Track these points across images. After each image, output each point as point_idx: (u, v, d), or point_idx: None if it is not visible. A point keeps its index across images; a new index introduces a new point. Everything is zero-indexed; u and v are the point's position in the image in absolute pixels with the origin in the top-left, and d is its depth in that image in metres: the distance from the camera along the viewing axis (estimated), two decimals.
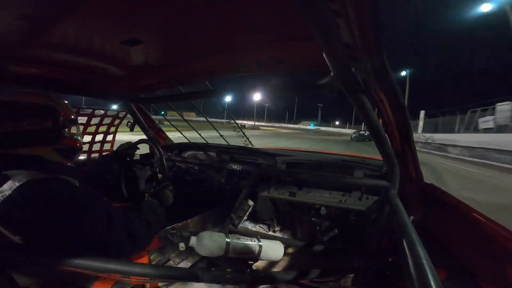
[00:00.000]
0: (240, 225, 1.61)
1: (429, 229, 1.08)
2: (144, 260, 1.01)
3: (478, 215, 0.87)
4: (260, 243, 1.17)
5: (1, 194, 0.64)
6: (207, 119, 2.47)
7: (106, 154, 1.69)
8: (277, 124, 77.72)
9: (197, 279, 0.84)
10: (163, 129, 2.28)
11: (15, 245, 0.66)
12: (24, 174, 0.68)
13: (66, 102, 0.93)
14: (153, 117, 2.18)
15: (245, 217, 1.62)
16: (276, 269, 1.43)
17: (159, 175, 1.47)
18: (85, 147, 1.92)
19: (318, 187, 1.52)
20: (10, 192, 0.64)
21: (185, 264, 1.34)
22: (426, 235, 1.06)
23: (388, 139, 1.03)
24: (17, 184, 0.65)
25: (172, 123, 2.28)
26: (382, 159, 1.16)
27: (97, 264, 0.68)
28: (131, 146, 1.55)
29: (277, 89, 1.08)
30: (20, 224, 0.66)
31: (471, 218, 0.89)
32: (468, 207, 0.94)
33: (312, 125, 74.03)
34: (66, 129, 0.88)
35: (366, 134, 25.72)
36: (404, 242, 0.64)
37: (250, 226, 1.75)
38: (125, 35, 0.88)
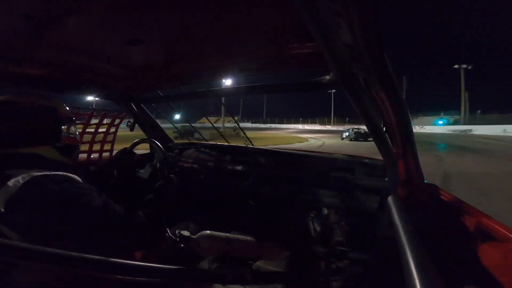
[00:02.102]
0: (240, 225, 1.61)
1: (430, 230, 1.08)
2: (144, 259, 1.01)
3: (481, 215, 0.87)
4: (261, 243, 1.17)
5: (6, 192, 0.64)
6: (208, 120, 2.48)
7: (106, 161, 1.67)
8: (320, 127, 47.06)
9: (197, 279, 0.84)
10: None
11: (16, 245, 0.66)
12: (26, 172, 0.68)
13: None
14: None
15: (246, 217, 1.62)
16: (277, 269, 1.43)
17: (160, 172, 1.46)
18: (85, 147, 1.92)
19: (319, 187, 1.52)
20: (16, 190, 0.65)
21: (185, 264, 1.34)
22: (428, 236, 1.06)
23: (389, 139, 1.02)
24: (21, 181, 0.66)
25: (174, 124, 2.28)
26: (382, 159, 1.16)
27: (96, 263, 0.68)
28: (128, 151, 1.54)
29: (278, 89, 1.08)
30: (25, 222, 0.66)
31: (474, 218, 0.88)
32: (471, 207, 0.94)
33: (441, 122, 35.44)
34: (65, 128, 0.89)
35: (362, 133, 21.29)
36: (405, 242, 0.64)
37: (250, 226, 1.75)
38: (127, 35, 0.88)
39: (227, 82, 1.62)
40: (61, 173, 0.75)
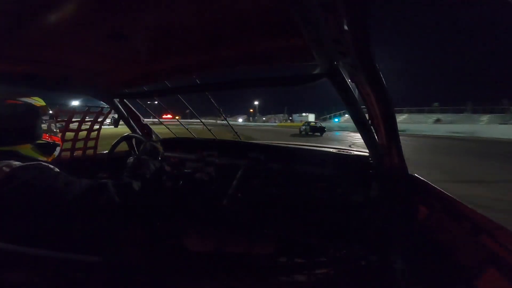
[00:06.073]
0: (230, 220, 1.61)
1: (414, 219, 1.12)
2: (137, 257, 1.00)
3: (460, 205, 0.91)
4: (252, 238, 1.19)
5: None
6: (195, 115, 2.44)
7: None
8: None
9: (190, 276, 0.85)
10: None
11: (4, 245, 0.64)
12: (8, 162, 0.68)
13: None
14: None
15: (235, 212, 1.63)
16: (269, 263, 1.45)
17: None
18: (68, 145, 1.85)
19: (307, 180, 1.55)
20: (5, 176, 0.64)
21: (175, 261, 1.34)
22: (412, 225, 1.11)
23: (374, 132, 1.05)
24: (6, 170, 0.66)
25: (158, 118, 2.23)
26: (368, 151, 1.19)
27: (85, 263, 0.67)
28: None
29: (265, 84, 1.08)
30: (15, 211, 0.65)
31: (454, 208, 0.92)
32: (451, 198, 0.98)
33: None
34: (44, 126, 0.86)
35: (317, 126, 20.22)
36: (391, 232, 0.67)
37: (240, 220, 1.75)
38: (109, 29, 0.85)
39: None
40: (41, 163, 0.75)
